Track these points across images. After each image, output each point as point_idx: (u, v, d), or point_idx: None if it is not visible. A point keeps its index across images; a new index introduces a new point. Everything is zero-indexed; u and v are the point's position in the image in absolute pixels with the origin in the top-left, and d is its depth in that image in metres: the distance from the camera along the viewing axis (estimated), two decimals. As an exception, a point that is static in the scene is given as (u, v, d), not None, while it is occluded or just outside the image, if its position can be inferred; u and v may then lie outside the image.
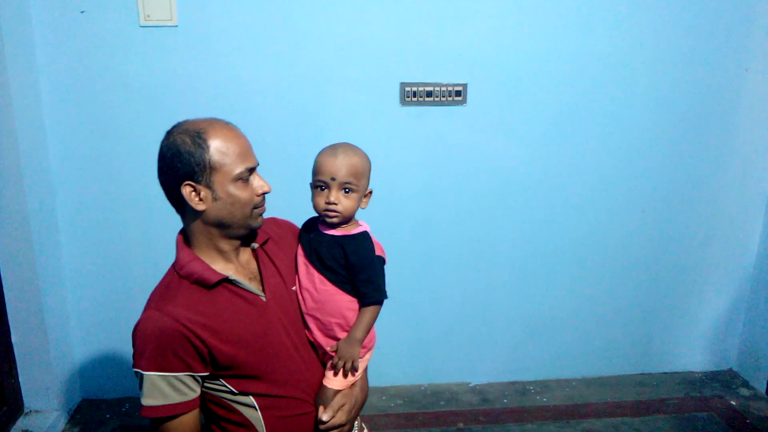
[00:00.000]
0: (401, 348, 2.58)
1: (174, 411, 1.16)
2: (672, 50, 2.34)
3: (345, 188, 1.27)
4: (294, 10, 2.18)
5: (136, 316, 1.19)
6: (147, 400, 1.15)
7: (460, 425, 2.38)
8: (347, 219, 1.31)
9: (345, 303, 1.31)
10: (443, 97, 2.30)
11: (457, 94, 2.30)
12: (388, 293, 1.36)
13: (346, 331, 1.32)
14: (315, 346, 1.35)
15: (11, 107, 2.02)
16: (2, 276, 2.17)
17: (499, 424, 2.38)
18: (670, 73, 2.37)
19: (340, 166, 1.27)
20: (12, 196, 2.09)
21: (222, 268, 1.24)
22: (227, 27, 2.17)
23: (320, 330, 1.32)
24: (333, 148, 1.31)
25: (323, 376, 1.34)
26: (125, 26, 2.13)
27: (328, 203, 1.27)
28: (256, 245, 1.32)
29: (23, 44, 2.08)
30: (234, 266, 1.27)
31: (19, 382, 2.28)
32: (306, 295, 1.32)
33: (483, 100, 2.32)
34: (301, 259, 1.34)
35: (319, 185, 1.29)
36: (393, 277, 2.59)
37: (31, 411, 2.31)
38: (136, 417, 2.37)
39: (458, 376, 2.65)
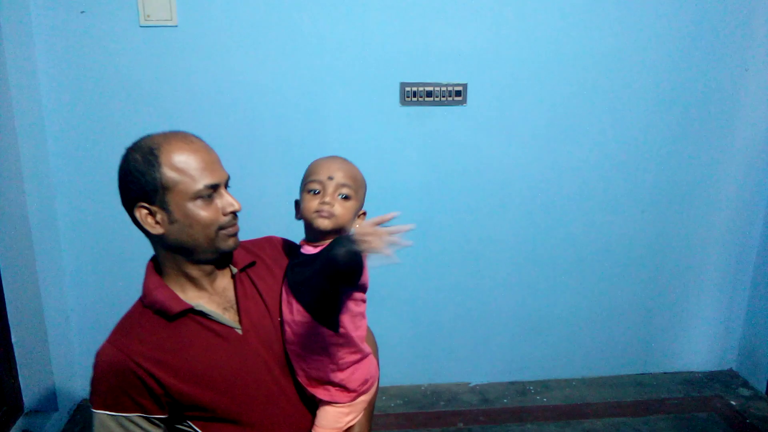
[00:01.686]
0: (401, 348, 2.58)
1: None
2: (672, 50, 2.34)
3: (342, 193, 1.11)
4: (294, 10, 2.18)
5: (136, 316, 1.18)
6: None
7: (460, 425, 2.38)
8: (339, 228, 1.11)
9: (327, 337, 1.10)
10: (443, 97, 2.30)
11: (457, 94, 2.30)
12: (388, 293, 1.28)
13: (334, 371, 1.13)
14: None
15: (11, 107, 2.02)
16: (2, 276, 2.17)
17: (499, 424, 2.38)
18: (670, 72, 2.37)
19: (340, 167, 1.13)
20: (12, 196, 2.09)
21: (193, 297, 1.12)
22: (227, 27, 2.17)
23: (303, 369, 1.14)
24: (328, 156, 1.18)
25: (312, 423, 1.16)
26: (125, 26, 2.13)
27: (323, 203, 1.10)
28: (235, 270, 1.17)
29: (23, 44, 2.08)
30: (208, 295, 1.13)
31: (19, 382, 2.27)
32: (287, 328, 1.14)
33: (483, 100, 2.32)
34: (284, 287, 1.17)
35: (312, 189, 1.12)
36: (393, 278, 2.59)
37: (31, 411, 2.31)
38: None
39: (458, 376, 2.65)
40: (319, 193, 1.11)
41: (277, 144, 2.28)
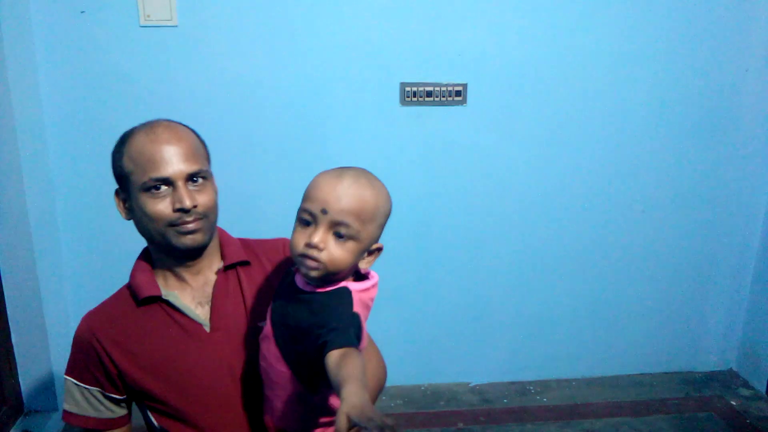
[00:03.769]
0: (401, 348, 2.57)
1: (87, 424, 1.10)
2: (672, 50, 2.34)
3: (339, 232, 0.88)
4: (294, 10, 2.17)
5: (136, 317, 1.19)
6: (65, 404, 1.11)
7: (460, 425, 2.38)
8: (333, 275, 0.90)
9: (305, 395, 0.94)
10: (443, 97, 2.30)
11: (457, 94, 2.30)
12: (388, 293, 1.18)
13: (303, 422, 0.98)
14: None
15: (11, 107, 2.02)
16: (2, 276, 2.17)
17: (499, 424, 2.38)
18: (670, 72, 2.36)
19: (341, 196, 0.87)
20: (12, 196, 2.09)
21: (172, 286, 1.11)
22: (227, 27, 2.17)
23: (268, 413, 1.01)
24: (340, 171, 0.92)
25: None
26: (125, 26, 2.13)
27: (309, 245, 0.87)
28: (221, 265, 1.13)
29: (23, 44, 2.08)
30: (186, 287, 1.11)
31: (19, 382, 2.27)
32: (263, 364, 0.99)
33: (483, 100, 2.32)
34: (269, 311, 1.00)
35: (303, 218, 0.90)
36: (393, 278, 2.59)
37: (31, 411, 2.31)
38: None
39: (458, 376, 2.64)
40: (310, 225, 0.89)
41: (277, 144, 2.27)
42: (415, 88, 2.28)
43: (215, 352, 1.07)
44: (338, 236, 0.88)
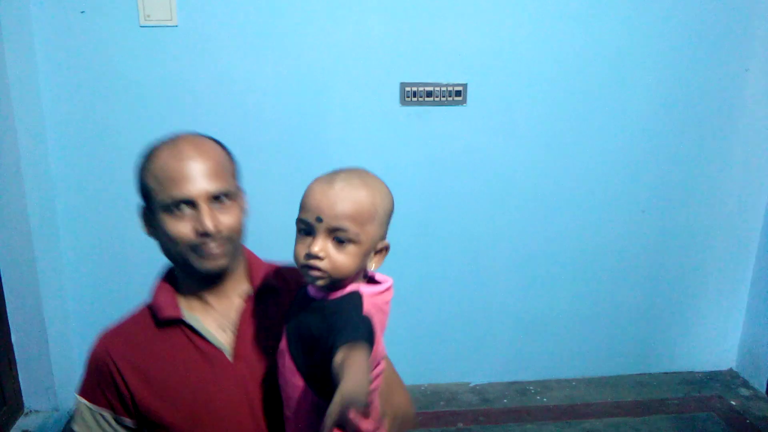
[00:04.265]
0: (401, 348, 2.57)
1: None
2: (672, 50, 2.34)
3: (337, 237, 0.86)
4: (294, 10, 2.18)
5: (136, 316, 1.18)
6: (74, 425, 1.05)
7: (460, 425, 2.38)
8: (339, 281, 0.89)
9: (302, 398, 0.90)
10: (443, 97, 2.30)
11: (457, 94, 2.30)
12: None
13: None
14: None
15: (11, 107, 2.02)
16: (2, 276, 2.17)
17: (499, 424, 2.38)
18: (670, 72, 2.36)
19: (334, 202, 0.86)
20: (12, 196, 2.09)
21: (194, 309, 1.04)
22: (227, 27, 2.17)
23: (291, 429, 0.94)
24: (331, 176, 0.90)
25: None
26: (125, 26, 2.13)
27: (309, 255, 0.87)
28: (249, 291, 1.06)
29: (23, 44, 2.08)
30: (213, 313, 1.04)
31: (19, 382, 2.27)
32: (281, 382, 0.95)
33: (483, 100, 2.32)
34: (284, 332, 0.96)
35: (301, 228, 0.90)
36: (393, 277, 2.59)
37: (31, 411, 2.31)
38: None
39: (458, 376, 2.64)
40: (309, 234, 0.88)
41: (277, 144, 2.27)
42: (415, 88, 2.28)
43: (236, 382, 1.00)
44: (338, 242, 0.86)
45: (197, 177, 0.96)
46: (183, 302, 1.04)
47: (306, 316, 0.91)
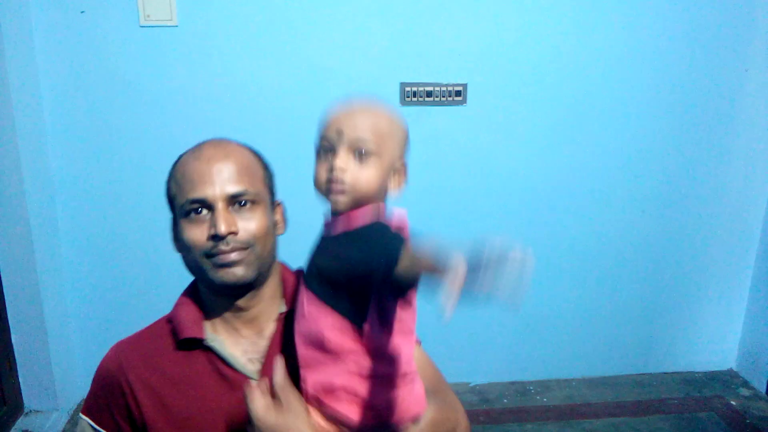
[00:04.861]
0: (401, 348, 2.57)
1: None
2: (672, 50, 2.34)
3: (358, 149, 0.85)
4: (294, 10, 2.18)
5: (136, 316, 1.18)
6: None
7: (460, 425, 2.38)
8: (361, 197, 0.85)
9: (329, 323, 0.83)
10: (443, 97, 2.30)
11: (457, 94, 2.30)
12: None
13: (348, 374, 0.84)
14: None
15: (11, 107, 2.02)
16: (2, 276, 2.17)
17: (499, 424, 2.38)
18: (670, 72, 2.36)
19: (353, 114, 0.87)
20: (12, 196, 2.09)
21: (219, 330, 0.94)
22: (227, 27, 2.17)
23: (309, 376, 0.85)
24: (350, 101, 0.90)
25: None
26: (125, 26, 2.13)
27: (331, 170, 0.85)
28: (283, 309, 0.96)
29: (23, 44, 2.08)
30: (240, 340, 0.94)
31: (19, 382, 2.28)
32: (298, 317, 0.88)
33: (483, 100, 2.32)
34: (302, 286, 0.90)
35: (321, 147, 0.89)
36: (393, 277, 2.53)
37: (31, 411, 2.31)
38: None
39: (458, 376, 2.64)
40: (329, 153, 0.87)
41: (277, 144, 2.26)
42: (415, 88, 2.28)
43: None
44: (359, 155, 0.85)
45: (216, 177, 0.89)
46: (207, 323, 0.95)
47: (320, 252, 0.87)
